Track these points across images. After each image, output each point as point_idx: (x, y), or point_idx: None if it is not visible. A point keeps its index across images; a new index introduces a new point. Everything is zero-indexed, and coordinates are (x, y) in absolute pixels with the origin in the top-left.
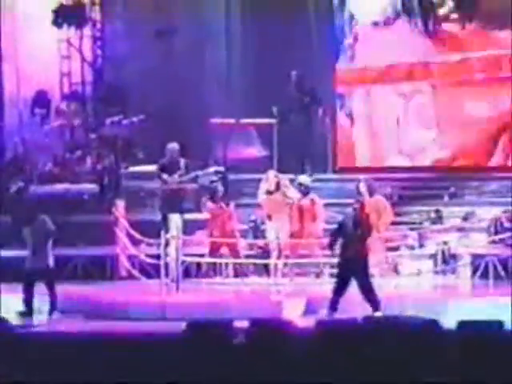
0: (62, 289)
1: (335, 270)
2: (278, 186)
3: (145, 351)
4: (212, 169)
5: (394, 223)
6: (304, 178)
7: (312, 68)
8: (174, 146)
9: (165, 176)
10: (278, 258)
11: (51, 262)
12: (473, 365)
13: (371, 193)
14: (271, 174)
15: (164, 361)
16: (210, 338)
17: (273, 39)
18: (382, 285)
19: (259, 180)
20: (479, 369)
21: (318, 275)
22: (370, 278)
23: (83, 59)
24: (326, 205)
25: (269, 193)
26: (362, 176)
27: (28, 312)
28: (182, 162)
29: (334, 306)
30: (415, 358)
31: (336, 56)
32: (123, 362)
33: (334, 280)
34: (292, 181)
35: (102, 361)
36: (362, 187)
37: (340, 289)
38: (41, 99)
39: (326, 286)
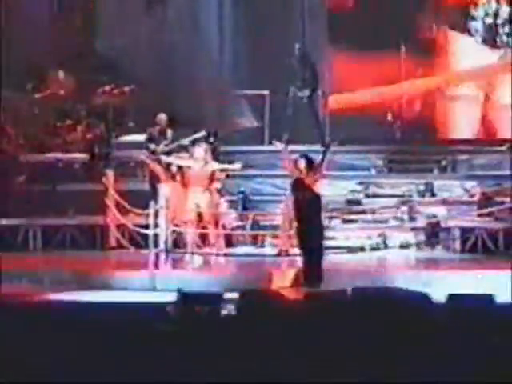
0: (51, 257)
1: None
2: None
3: (133, 322)
4: (198, 135)
5: (383, 195)
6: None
7: (306, 40)
8: (162, 116)
9: (152, 146)
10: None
11: None
12: (462, 338)
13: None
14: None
15: (153, 331)
16: (200, 309)
17: (267, 8)
18: (371, 257)
19: (251, 152)
20: (469, 342)
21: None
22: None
23: (74, 28)
24: None
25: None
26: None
27: None
28: (169, 132)
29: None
30: (405, 330)
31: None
32: (111, 332)
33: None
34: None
35: (90, 330)
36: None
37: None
38: (32, 69)
39: None
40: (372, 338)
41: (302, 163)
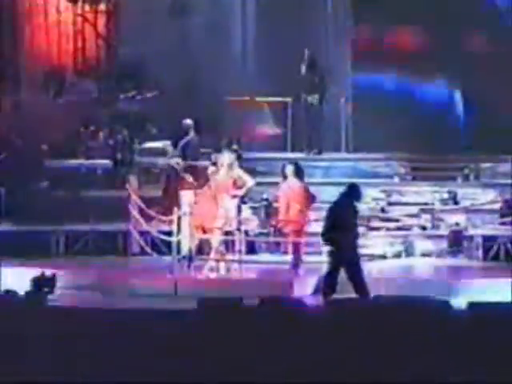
0: (74, 263)
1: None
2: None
3: (155, 327)
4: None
5: (406, 203)
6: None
7: (328, 46)
8: (187, 121)
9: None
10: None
11: None
12: (482, 345)
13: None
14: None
15: (174, 337)
16: (220, 315)
17: (288, 17)
18: (394, 265)
19: (273, 158)
20: (489, 349)
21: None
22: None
23: (98, 34)
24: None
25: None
26: None
27: None
28: (195, 138)
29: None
30: (426, 337)
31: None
32: (133, 338)
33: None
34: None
35: (112, 336)
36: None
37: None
38: (55, 74)
39: None
40: (392, 344)
41: (289, 169)
